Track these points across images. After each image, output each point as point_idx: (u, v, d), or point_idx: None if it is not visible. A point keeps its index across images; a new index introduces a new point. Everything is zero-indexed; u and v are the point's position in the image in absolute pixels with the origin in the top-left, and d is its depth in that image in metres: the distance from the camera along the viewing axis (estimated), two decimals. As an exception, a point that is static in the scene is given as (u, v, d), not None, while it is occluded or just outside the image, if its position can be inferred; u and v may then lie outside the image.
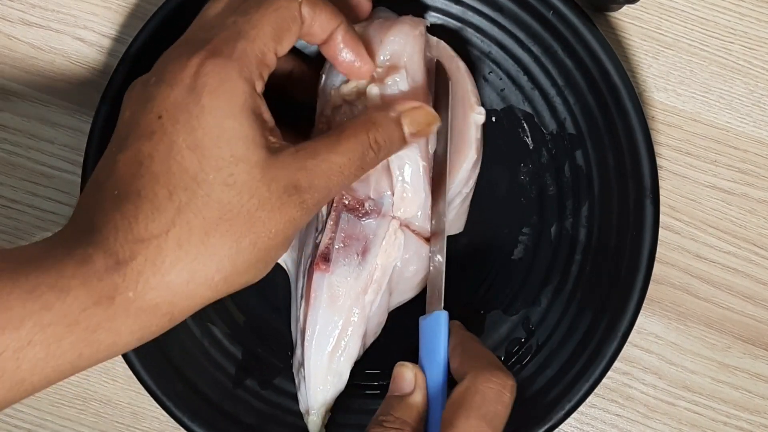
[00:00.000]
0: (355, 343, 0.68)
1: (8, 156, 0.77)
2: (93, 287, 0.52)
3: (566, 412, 0.70)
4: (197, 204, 0.54)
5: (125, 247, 0.53)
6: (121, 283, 0.52)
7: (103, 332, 0.53)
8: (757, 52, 0.76)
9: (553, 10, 0.70)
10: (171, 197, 0.54)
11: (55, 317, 0.50)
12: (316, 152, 0.58)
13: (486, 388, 0.59)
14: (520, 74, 0.73)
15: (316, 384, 0.68)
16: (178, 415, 0.70)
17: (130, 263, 0.53)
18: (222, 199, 0.55)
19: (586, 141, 0.72)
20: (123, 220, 0.53)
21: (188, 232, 0.54)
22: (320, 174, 0.58)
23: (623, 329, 0.69)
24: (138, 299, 0.53)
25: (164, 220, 0.54)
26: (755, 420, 0.77)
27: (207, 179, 0.55)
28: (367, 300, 0.68)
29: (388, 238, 0.67)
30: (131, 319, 0.53)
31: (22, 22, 0.76)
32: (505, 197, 0.74)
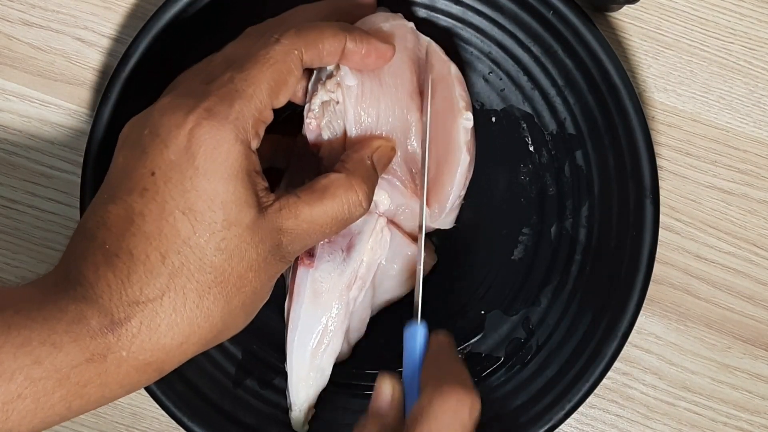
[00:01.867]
0: (338, 340, 0.68)
1: (8, 156, 0.77)
2: (86, 345, 0.52)
3: (566, 412, 0.70)
4: (190, 268, 0.55)
5: (120, 309, 0.53)
6: (115, 343, 0.53)
7: (93, 387, 0.53)
8: (757, 52, 0.76)
9: (553, 10, 0.69)
10: (164, 261, 0.54)
11: (46, 372, 0.51)
12: (298, 213, 0.58)
13: (439, 406, 0.57)
14: (520, 74, 0.73)
15: (299, 380, 0.69)
16: (178, 415, 0.70)
17: (125, 324, 0.53)
18: (214, 263, 0.55)
19: (586, 141, 0.72)
20: (116, 279, 0.54)
21: (183, 297, 0.54)
22: (301, 233, 0.59)
23: (623, 329, 0.69)
24: (131, 359, 0.54)
25: (158, 284, 0.54)
26: (755, 420, 0.77)
27: (199, 243, 0.55)
28: (351, 296, 0.68)
29: (375, 236, 0.67)
30: (122, 375, 0.54)
31: (22, 22, 0.76)
32: (505, 197, 0.74)
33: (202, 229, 0.55)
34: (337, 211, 0.60)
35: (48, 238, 0.77)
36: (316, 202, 0.59)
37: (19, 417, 0.50)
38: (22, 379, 0.50)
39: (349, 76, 0.65)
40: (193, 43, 0.70)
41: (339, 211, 0.60)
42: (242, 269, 0.56)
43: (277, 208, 0.58)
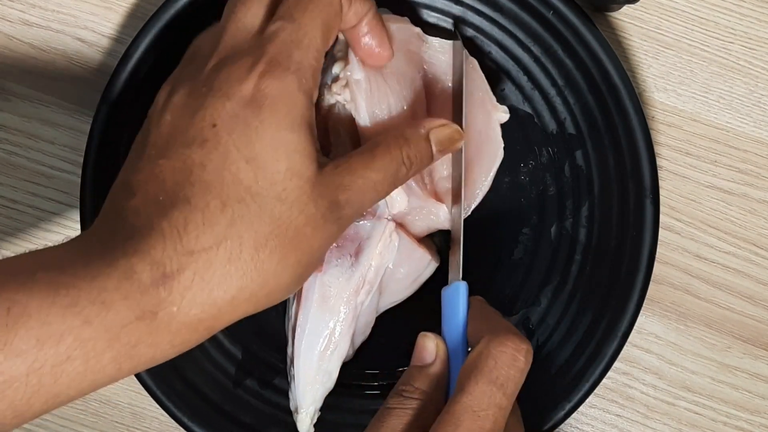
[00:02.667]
0: (345, 343, 0.68)
1: (8, 156, 0.77)
2: (136, 302, 0.50)
3: (566, 412, 0.70)
4: (250, 218, 0.54)
5: (173, 259, 0.52)
6: (166, 298, 0.51)
7: (143, 346, 0.51)
8: (758, 52, 0.76)
9: (553, 10, 0.70)
10: (223, 209, 0.53)
11: (96, 332, 0.49)
12: (353, 169, 0.58)
13: (499, 352, 0.58)
14: (520, 74, 0.73)
15: (306, 383, 0.69)
16: (178, 415, 0.70)
17: (177, 277, 0.52)
18: (274, 213, 0.54)
19: (586, 141, 0.72)
20: (171, 229, 0.52)
21: (239, 247, 0.53)
22: (357, 190, 0.58)
23: (623, 329, 0.69)
24: (181, 314, 0.52)
25: (216, 232, 0.53)
26: (755, 420, 0.77)
27: (261, 192, 0.54)
28: (359, 301, 0.68)
29: (384, 241, 0.67)
30: (172, 333, 0.52)
31: (22, 22, 0.76)
32: (504, 197, 0.74)
33: (264, 179, 0.54)
34: (388, 166, 0.60)
35: (48, 238, 0.77)
36: (368, 158, 0.59)
37: (69, 379, 0.49)
38: (71, 340, 0.48)
39: (356, 69, 0.65)
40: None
41: (390, 166, 0.60)
42: (300, 223, 0.55)
43: (333, 165, 0.57)
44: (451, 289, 0.64)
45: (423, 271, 0.71)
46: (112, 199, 0.56)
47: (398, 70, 0.67)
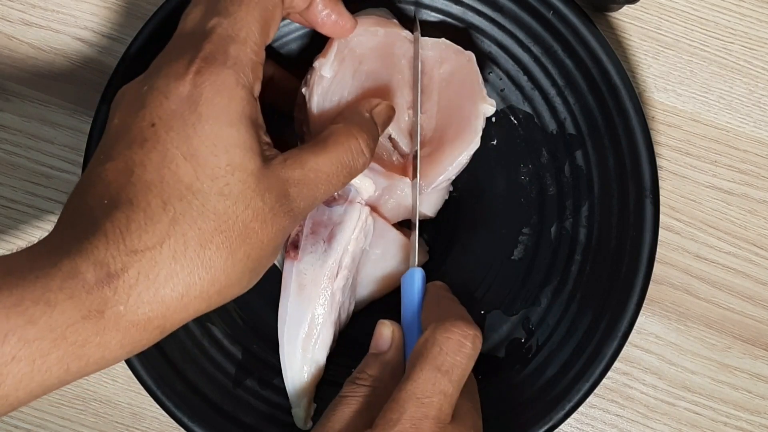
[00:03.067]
0: (328, 331, 0.68)
1: (8, 156, 0.77)
2: (81, 301, 0.50)
3: (566, 412, 0.69)
4: (192, 215, 0.53)
5: (117, 259, 0.51)
6: (112, 297, 0.51)
7: (91, 347, 0.51)
8: (757, 52, 0.76)
9: (553, 10, 0.70)
10: (165, 207, 0.53)
11: (41, 332, 0.49)
12: (304, 162, 0.58)
13: (444, 338, 0.59)
14: (520, 74, 0.73)
15: (293, 375, 0.69)
16: (178, 415, 0.70)
17: (122, 276, 0.51)
18: (218, 209, 0.54)
19: (586, 141, 0.72)
20: (114, 229, 0.52)
21: (184, 245, 0.53)
22: (308, 184, 0.58)
23: (623, 330, 0.69)
24: (129, 313, 0.52)
25: (158, 231, 0.53)
26: (755, 420, 0.77)
27: (202, 189, 0.54)
28: (336, 286, 0.68)
29: (359, 226, 0.67)
30: (121, 333, 0.52)
31: (22, 22, 0.77)
32: (504, 197, 0.74)
33: (204, 175, 0.54)
34: (341, 158, 0.60)
35: (50, 233, 0.77)
36: (320, 150, 0.59)
37: (15, 381, 0.49)
38: (15, 340, 0.48)
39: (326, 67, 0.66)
40: (193, 43, 0.70)
41: (343, 158, 0.60)
42: (247, 218, 0.55)
43: (281, 159, 0.57)
44: (407, 275, 0.66)
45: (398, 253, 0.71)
46: (66, 205, 0.56)
47: (372, 71, 0.69)
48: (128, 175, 0.54)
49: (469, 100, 0.69)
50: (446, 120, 0.70)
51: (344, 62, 0.67)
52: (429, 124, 0.71)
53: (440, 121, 0.70)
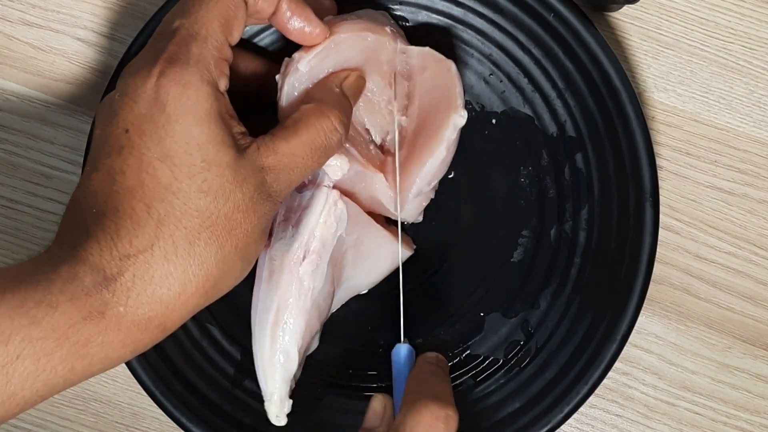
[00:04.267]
0: (296, 319, 0.67)
1: (8, 156, 0.77)
2: (82, 303, 0.52)
3: (565, 414, 0.70)
4: (176, 215, 0.55)
5: (111, 263, 0.53)
6: (111, 299, 0.53)
7: (94, 346, 0.53)
8: (758, 52, 0.76)
9: (554, 12, 0.69)
10: (149, 211, 0.54)
11: (44, 332, 0.50)
12: (276, 148, 0.59)
13: (414, 422, 0.58)
14: (521, 77, 0.73)
15: (264, 366, 0.67)
16: (177, 415, 0.70)
17: (118, 279, 0.53)
18: (200, 206, 0.55)
19: (586, 144, 0.72)
20: (105, 236, 0.54)
21: (173, 245, 0.55)
22: (283, 169, 0.59)
23: (622, 332, 0.69)
24: (129, 314, 0.53)
25: (147, 234, 0.54)
26: (755, 420, 0.77)
27: (182, 188, 0.55)
28: (303, 271, 0.67)
29: (327, 209, 0.67)
30: (123, 333, 0.54)
31: (22, 22, 0.76)
32: (504, 200, 0.74)
33: (182, 174, 0.55)
34: (314, 140, 0.60)
35: (48, 238, 0.77)
36: (292, 135, 0.60)
37: (21, 379, 0.50)
38: (19, 339, 0.50)
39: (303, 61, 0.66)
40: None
41: (316, 139, 0.61)
42: (229, 210, 0.56)
43: (255, 148, 0.58)
44: (395, 351, 0.67)
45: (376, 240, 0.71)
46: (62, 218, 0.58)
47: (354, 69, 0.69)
48: (111, 183, 0.55)
49: (443, 108, 0.69)
50: (421, 126, 0.70)
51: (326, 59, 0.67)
52: (410, 127, 0.71)
53: (417, 126, 0.70)
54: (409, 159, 0.69)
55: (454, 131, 0.68)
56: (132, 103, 0.56)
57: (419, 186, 0.69)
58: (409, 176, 0.69)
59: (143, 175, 0.55)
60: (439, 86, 0.69)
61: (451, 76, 0.68)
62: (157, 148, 0.55)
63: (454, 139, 0.68)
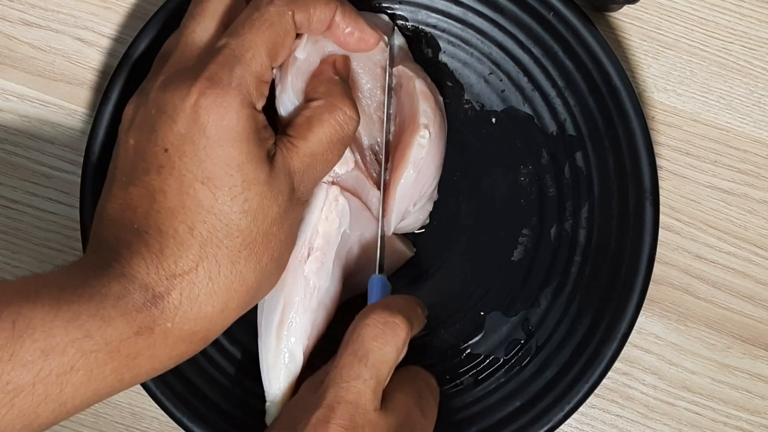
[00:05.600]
0: (302, 319, 0.67)
1: (8, 156, 0.77)
2: (132, 319, 0.53)
3: (565, 413, 0.70)
4: (218, 236, 0.56)
5: (159, 283, 0.54)
6: (160, 316, 0.54)
7: (143, 359, 0.54)
8: (758, 52, 0.76)
9: (554, 11, 0.70)
10: (192, 233, 0.56)
11: (97, 345, 0.52)
12: (298, 150, 0.60)
13: (362, 325, 0.61)
14: (521, 75, 0.73)
15: (268, 367, 0.68)
16: (178, 415, 0.70)
17: (166, 297, 0.54)
18: (241, 226, 0.57)
19: (586, 143, 0.72)
20: (150, 255, 0.55)
21: (217, 266, 0.56)
22: (307, 169, 0.60)
23: (623, 331, 0.69)
24: (176, 329, 0.55)
25: (191, 255, 0.55)
26: (755, 420, 0.77)
27: (223, 210, 0.56)
28: (308, 269, 0.67)
29: (328, 205, 0.67)
30: (170, 346, 0.56)
31: (22, 22, 0.76)
32: (504, 198, 0.74)
33: (223, 196, 0.56)
34: (331, 134, 0.61)
35: (48, 238, 0.77)
36: (308, 133, 0.61)
37: (73, 389, 0.52)
38: (74, 351, 0.51)
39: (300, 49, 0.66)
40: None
41: (332, 133, 0.61)
42: (267, 225, 0.58)
43: (281, 153, 0.59)
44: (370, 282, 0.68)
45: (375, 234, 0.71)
46: (95, 227, 0.59)
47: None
48: (151, 201, 0.56)
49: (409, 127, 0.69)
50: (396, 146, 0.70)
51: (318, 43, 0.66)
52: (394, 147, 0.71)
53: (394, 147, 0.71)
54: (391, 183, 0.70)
55: (420, 151, 0.68)
56: (171, 122, 0.56)
57: (399, 209, 0.70)
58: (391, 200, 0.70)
59: (184, 197, 0.56)
60: (408, 104, 0.70)
61: (415, 94, 0.69)
62: (198, 170, 0.56)
63: (421, 158, 0.68)
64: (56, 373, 0.51)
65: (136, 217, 0.56)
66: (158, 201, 0.56)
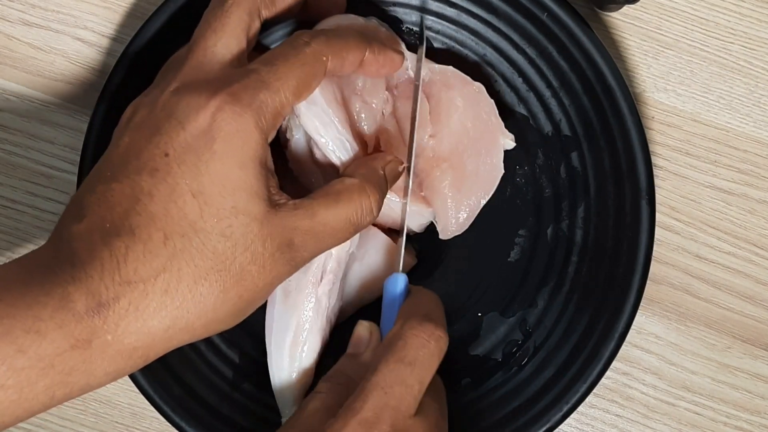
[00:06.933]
0: (315, 338, 0.68)
1: (8, 156, 0.77)
2: (70, 331, 0.51)
3: (564, 413, 0.70)
4: (191, 252, 0.54)
5: (110, 289, 0.52)
6: (101, 326, 0.52)
7: (77, 374, 0.52)
8: (757, 52, 0.76)
9: (547, 11, 0.69)
10: (166, 242, 0.54)
11: (30, 361, 0.50)
12: (314, 213, 0.59)
13: (410, 335, 0.60)
14: (515, 76, 0.73)
15: (281, 382, 0.69)
16: (176, 419, 0.70)
17: (112, 306, 0.52)
18: (217, 249, 0.55)
19: (582, 143, 0.72)
20: (111, 258, 0.53)
21: (177, 280, 0.54)
22: (315, 235, 0.59)
23: (620, 330, 0.69)
24: (116, 343, 0.53)
25: (155, 264, 0.54)
26: (755, 420, 0.77)
27: (205, 228, 0.55)
28: (321, 292, 0.68)
29: None
30: (107, 361, 0.53)
31: (22, 22, 0.77)
32: (500, 199, 0.74)
33: (209, 214, 0.55)
34: (350, 215, 0.61)
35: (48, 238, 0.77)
36: (332, 204, 0.60)
37: (2, 407, 0.50)
38: (5, 369, 0.49)
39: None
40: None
41: (353, 215, 0.61)
42: (245, 260, 0.56)
43: (291, 206, 0.58)
44: (390, 280, 0.67)
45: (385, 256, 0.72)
46: (63, 217, 0.57)
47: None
48: (133, 202, 0.54)
49: (487, 133, 0.69)
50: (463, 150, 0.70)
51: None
52: (439, 147, 0.71)
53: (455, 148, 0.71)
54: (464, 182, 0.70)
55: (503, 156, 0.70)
56: (179, 128, 0.56)
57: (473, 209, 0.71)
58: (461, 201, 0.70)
59: (171, 205, 0.54)
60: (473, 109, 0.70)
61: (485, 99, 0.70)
62: (194, 182, 0.55)
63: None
64: None
65: (111, 216, 0.54)
66: (142, 203, 0.54)
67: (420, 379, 0.60)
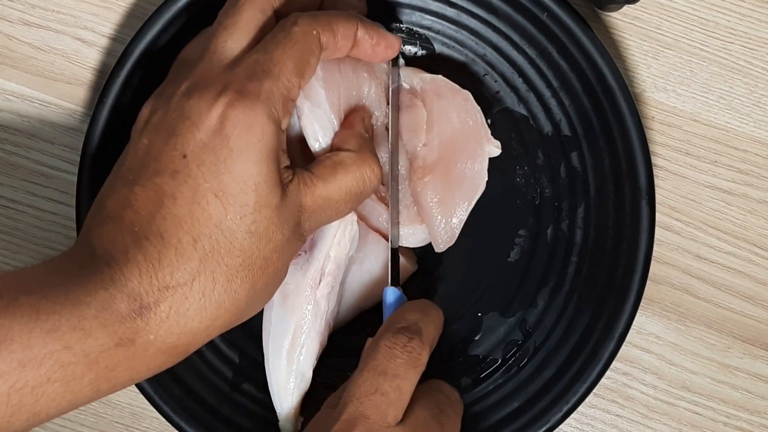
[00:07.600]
0: (313, 341, 0.69)
1: (8, 156, 0.77)
2: (114, 330, 0.53)
3: (564, 414, 0.70)
4: (221, 252, 0.56)
5: (149, 293, 0.54)
6: (143, 328, 0.53)
7: (121, 370, 0.54)
8: (757, 52, 0.76)
9: (548, 11, 0.69)
10: (195, 245, 0.55)
11: (76, 357, 0.51)
12: (315, 189, 0.60)
13: (382, 346, 0.61)
14: (515, 76, 0.73)
15: (279, 387, 0.69)
16: (176, 419, 0.70)
17: (154, 309, 0.54)
18: (244, 246, 0.56)
19: (582, 143, 0.72)
20: (146, 263, 0.54)
21: (212, 282, 0.55)
22: (317, 210, 0.60)
23: (620, 330, 0.69)
24: (158, 342, 0.54)
25: (189, 268, 0.55)
26: (755, 420, 0.77)
27: (231, 227, 0.56)
28: (320, 294, 0.68)
29: (341, 230, 0.67)
30: (149, 358, 0.55)
31: (22, 22, 0.77)
32: (500, 200, 0.74)
33: (234, 213, 0.56)
34: (351, 186, 0.62)
35: (48, 238, 0.77)
36: (330, 177, 0.61)
37: (48, 400, 0.51)
38: (51, 363, 0.51)
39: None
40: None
41: (354, 186, 0.62)
42: (268, 251, 0.57)
43: (296, 184, 0.59)
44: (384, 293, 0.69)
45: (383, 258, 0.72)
46: (90, 220, 0.58)
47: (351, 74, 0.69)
48: (158, 205, 0.55)
49: (472, 140, 0.69)
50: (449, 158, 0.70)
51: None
52: (429, 155, 0.71)
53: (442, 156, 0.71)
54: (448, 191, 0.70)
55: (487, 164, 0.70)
56: (194, 128, 0.56)
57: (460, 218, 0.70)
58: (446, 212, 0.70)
59: (194, 207, 0.55)
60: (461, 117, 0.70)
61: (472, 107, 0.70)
62: (215, 182, 0.55)
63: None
64: (32, 384, 0.50)
65: (138, 219, 0.55)
66: (166, 206, 0.55)
67: (398, 387, 0.60)
